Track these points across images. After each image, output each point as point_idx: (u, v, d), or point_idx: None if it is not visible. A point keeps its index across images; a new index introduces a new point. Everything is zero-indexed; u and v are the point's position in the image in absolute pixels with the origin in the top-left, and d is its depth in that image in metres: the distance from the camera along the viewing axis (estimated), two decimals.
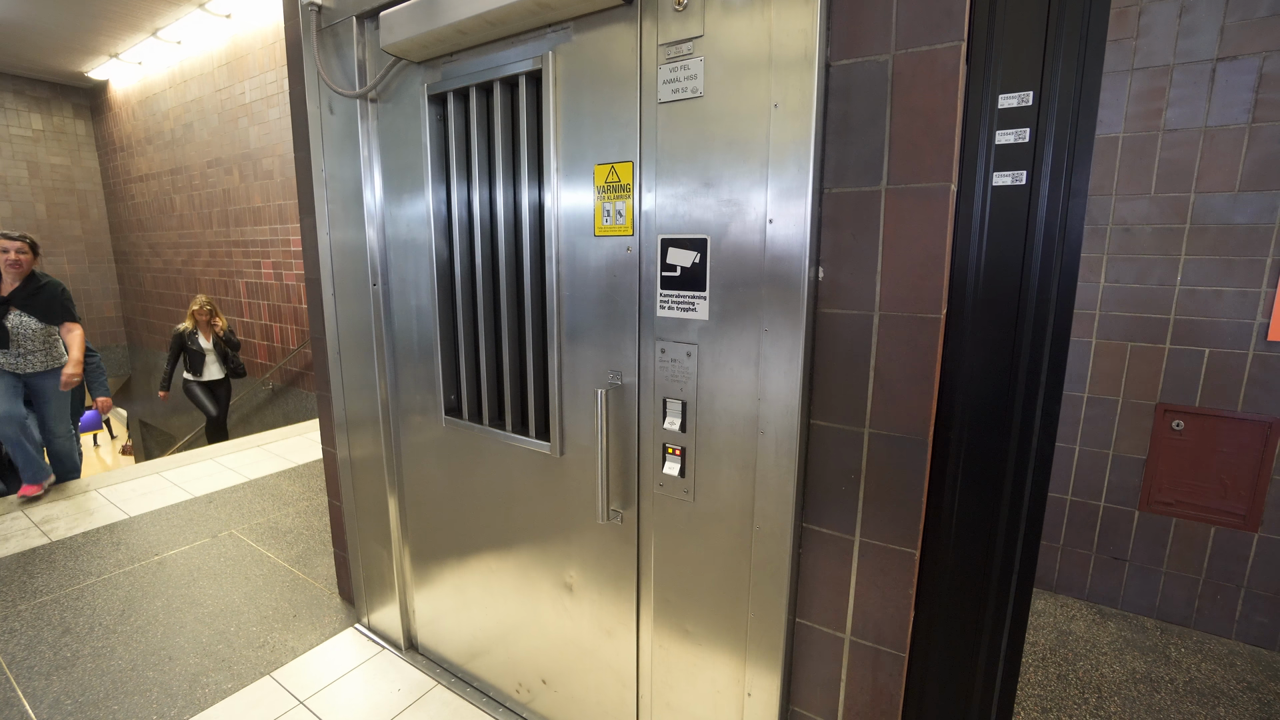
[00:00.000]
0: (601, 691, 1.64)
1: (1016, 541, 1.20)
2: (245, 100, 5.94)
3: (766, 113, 1.12)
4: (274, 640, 2.22)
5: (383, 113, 1.76)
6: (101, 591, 2.51)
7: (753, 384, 1.22)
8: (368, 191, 1.82)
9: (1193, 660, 2.17)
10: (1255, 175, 2.05)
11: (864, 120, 1.09)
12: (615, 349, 1.41)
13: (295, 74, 2.01)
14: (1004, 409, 1.17)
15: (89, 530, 3.05)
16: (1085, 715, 1.91)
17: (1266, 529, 2.18)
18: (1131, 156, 2.23)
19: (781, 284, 1.16)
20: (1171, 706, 1.95)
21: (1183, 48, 2.10)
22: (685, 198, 1.24)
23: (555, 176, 1.43)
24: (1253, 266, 2.09)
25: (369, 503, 2.10)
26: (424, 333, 1.80)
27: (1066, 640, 2.27)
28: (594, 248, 1.40)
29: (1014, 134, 1.10)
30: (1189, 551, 2.32)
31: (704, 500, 1.34)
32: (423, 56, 1.60)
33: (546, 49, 1.39)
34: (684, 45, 1.20)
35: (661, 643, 1.48)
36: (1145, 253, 2.25)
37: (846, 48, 1.09)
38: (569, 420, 1.53)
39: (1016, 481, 1.18)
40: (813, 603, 1.29)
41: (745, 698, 1.36)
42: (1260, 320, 2.09)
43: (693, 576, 1.39)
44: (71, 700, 1.91)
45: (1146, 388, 2.31)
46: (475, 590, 1.88)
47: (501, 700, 1.91)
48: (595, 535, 1.55)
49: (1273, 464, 2.14)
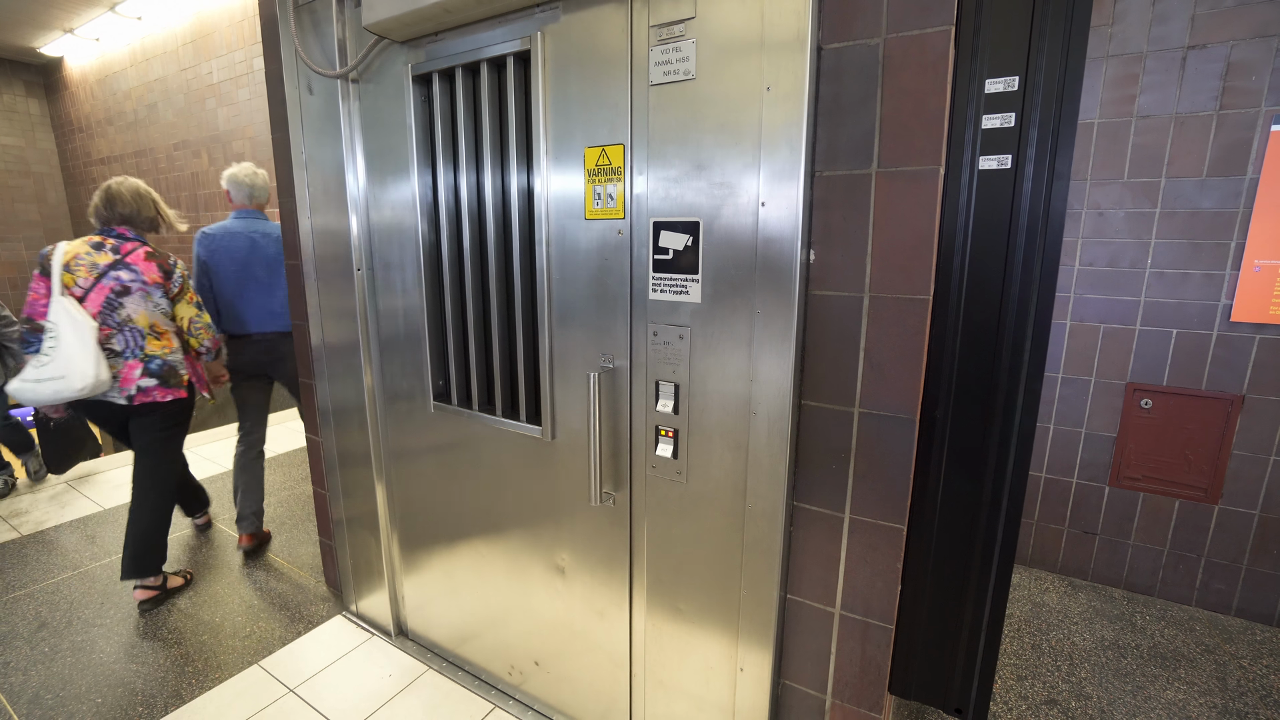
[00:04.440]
0: (595, 671, 1.66)
1: (999, 516, 1.24)
2: (213, 80, 5.74)
3: (759, 95, 1.13)
4: (260, 629, 2.20)
5: (365, 94, 1.72)
6: (78, 585, 2.46)
7: (745, 365, 1.24)
8: (350, 174, 1.78)
9: (1157, 627, 2.28)
10: (1222, 161, 2.11)
11: (855, 103, 1.10)
12: (607, 332, 1.42)
13: (271, 52, 1.95)
14: (988, 388, 1.20)
15: (61, 524, 2.98)
16: (1058, 681, 1.99)
17: (1226, 501, 2.28)
18: (1106, 142, 2.28)
19: (773, 266, 1.17)
20: (1137, 670, 2.04)
21: (1155, 35, 2.15)
22: (677, 180, 1.24)
23: (545, 159, 1.41)
24: (1218, 250, 2.16)
25: (356, 490, 2.08)
26: (411, 318, 1.78)
27: (1040, 611, 2.36)
28: (585, 231, 1.39)
29: (1000, 118, 1.12)
30: (1155, 525, 2.42)
31: (697, 481, 1.36)
32: (406, 36, 1.56)
33: (534, 29, 1.38)
34: (675, 27, 1.19)
35: (654, 622, 1.50)
36: (1118, 236, 2.31)
37: (838, 30, 1.09)
38: (560, 404, 1.53)
39: (1000, 459, 1.22)
40: (803, 579, 1.32)
41: (738, 673, 1.40)
42: (1224, 301, 2.18)
43: (685, 556, 1.42)
44: (52, 694, 1.88)
45: (1117, 368, 2.39)
46: (466, 575, 1.88)
47: (494, 683, 1.92)
48: (587, 518, 1.56)
49: (1233, 439, 2.23)
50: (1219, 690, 1.95)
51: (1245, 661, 2.08)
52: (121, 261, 2.19)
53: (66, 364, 2.06)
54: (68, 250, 2.15)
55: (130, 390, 2.20)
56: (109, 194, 2.25)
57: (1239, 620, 2.31)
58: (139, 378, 2.21)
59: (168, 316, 2.29)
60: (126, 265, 2.20)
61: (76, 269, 2.14)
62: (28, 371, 2.09)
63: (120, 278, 2.18)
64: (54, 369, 2.06)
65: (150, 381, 2.23)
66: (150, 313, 2.24)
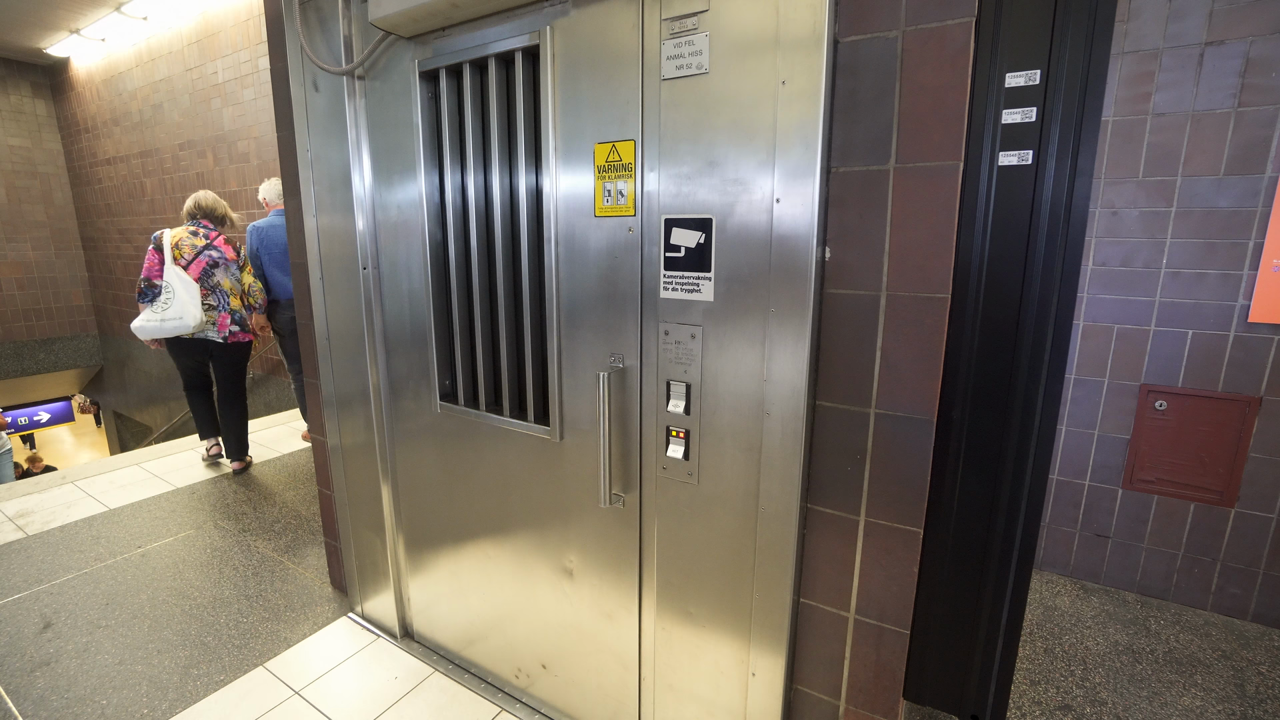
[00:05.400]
0: (602, 674, 1.64)
1: (1018, 520, 1.22)
2: (218, 80, 5.75)
3: (773, 90, 1.10)
4: (266, 631, 2.18)
5: (371, 91, 1.71)
6: (83, 586, 2.45)
7: (758, 365, 1.22)
8: (356, 172, 1.77)
9: (1171, 631, 2.24)
10: (1239, 159, 2.08)
11: (872, 98, 1.08)
12: (616, 331, 1.40)
13: (276, 50, 1.94)
14: (1007, 389, 1.18)
15: (66, 524, 2.97)
16: (1072, 687, 1.96)
17: (1242, 504, 2.25)
18: (1120, 140, 2.25)
19: (788, 264, 1.15)
20: (1152, 676, 2.01)
21: (1171, 32, 2.12)
22: (689, 177, 1.22)
23: (553, 156, 1.40)
24: (1235, 249, 2.13)
25: (361, 491, 2.07)
26: (417, 318, 1.76)
27: (1052, 615, 2.33)
28: (594, 229, 1.37)
29: (1020, 113, 1.10)
30: (1169, 527, 2.38)
31: (708, 483, 1.34)
32: (413, 31, 1.55)
33: (544, 24, 1.36)
34: (688, 20, 1.17)
35: (664, 625, 1.48)
36: (1132, 236, 2.28)
37: (855, 23, 1.07)
38: (569, 405, 1.51)
39: (1018, 461, 1.20)
40: (817, 582, 1.30)
41: (749, 678, 1.37)
42: (1241, 302, 2.14)
43: (696, 559, 1.39)
44: (58, 696, 1.87)
45: (1131, 369, 2.36)
46: (472, 577, 1.86)
47: (500, 686, 1.90)
48: (596, 519, 1.54)
49: (1250, 442, 2.20)
50: (1237, 697, 1.92)
51: (1264, 668, 2.05)
52: (210, 244, 3.28)
53: (183, 309, 3.15)
54: (174, 234, 3.22)
55: (225, 333, 3.33)
56: (197, 200, 3.36)
57: (1256, 625, 2.28)
58: (230, 325, 3.34)
59: (237, 282, 3.39)
60: (214, 246, 3.29)
61: (182, 247, 3.21)
62: (149, 314, 3.16)
63: (212, 255, 3.27)
64: (174, 312, 3.15)
65: (236, 328, 3.37)
66: (230, 279, 3.35)
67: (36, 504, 3.20)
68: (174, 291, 3.14)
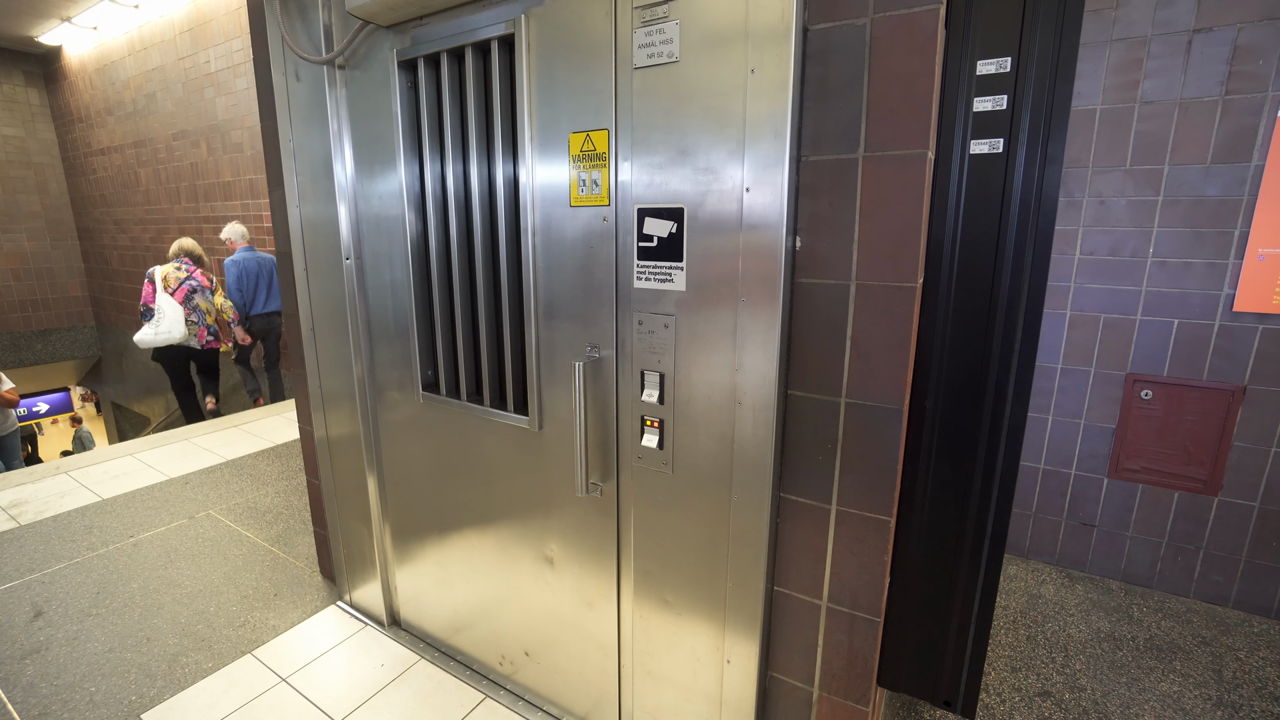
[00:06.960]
0: (584, 662, 1.66)
1: (989, 508, 1.23)
2: (211, 69, 5.71)
3: (743, 78, 1.10)
4: (255, 619, 2.21)
5: (352, 80, 1.70)
6: (74, 575, 2.47)
7: (730, 355, 1.22)
8: (338, 162, 1.76)
9: (1153, 619, 2.26)
10: (1227, 147, 2.07)
11: (842, 86, 1.07)
12: (593, 321, 1.40)
13: (259, 38, 1.93)
14: (978, 378, 1.18)
15: (59, 514, 2.99)
16: (1052, 673, 1.98)
17: (1226, 493, 2.26)
18: (1108, 129, 2.24)
19: (759, 254, 1.15)
20: (1132, 662, 2.03)
21: (1161, 19, 2.10)
22: (662, 166, 1.22)
23: (530, 145, 1.39)
24: (1221, 238, 2.13)
25: (348, 480, 2.08)
26: (400, 308, 1.77)
27: (1036, 603, 2.35)
28: (570, 219, 1.37)
29: (992, 101, 1.09)
30: (1153, 516, 2.40)
31: (683, 472, 1.34)
32: (391, 20, 1.54)
33: (518, 12, 1.35)
34: (659, 8, 1.16)
35: (642, 613, 1.50)
36: (1119, 225, 2.27)
37: (825, 10, 1.06)
38: (547, 394, 1.52)
39: (990, 449, 1.20)
40: (790, 571, 1.31)
41: (724, 664, 1.39)
42: (1227, 291, 2.14)
43: (672, 547, 1.40)
44: (47, 684, 1.89)
45: (1117, 358, 2.36)
46: (457, 566, 1.88)
47: (485, 673, 1.92)
48: (575, 508, 1.55)
49: (1234, 431, 2.21)
50: (1214, 682, 1.94)
51: (1242, 654, 2.07)
52: (190, 276, 4.44)
53: (171, 326, 4.29)
54: (163, 270, 4.38)
55: (202, 342, 4.50)
56: (180, 245, 4.55)
57: (1237, 612, 2.30)
58: (206, 336, 4.50)
59: (211, 304, 4.54)
60: (193, 278, 4.45)
61: (169, 279, 4.36)
62: (147, 329, 4.28)
63: (192, 284, 4.43)
64: (164, 328, 4.28)
65: (210, 338, 4.53)
66: (206, 302, 4.50)
67: (30, 494, 3.22)
68: (164, 312, 4.27)
